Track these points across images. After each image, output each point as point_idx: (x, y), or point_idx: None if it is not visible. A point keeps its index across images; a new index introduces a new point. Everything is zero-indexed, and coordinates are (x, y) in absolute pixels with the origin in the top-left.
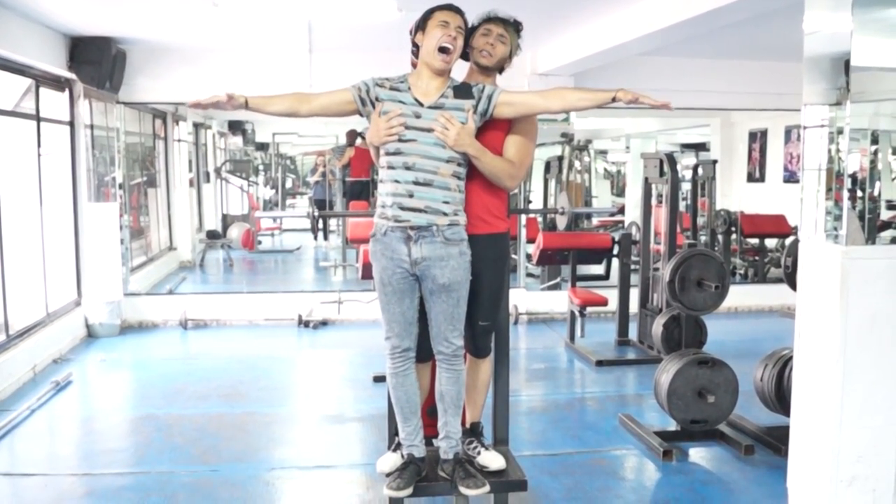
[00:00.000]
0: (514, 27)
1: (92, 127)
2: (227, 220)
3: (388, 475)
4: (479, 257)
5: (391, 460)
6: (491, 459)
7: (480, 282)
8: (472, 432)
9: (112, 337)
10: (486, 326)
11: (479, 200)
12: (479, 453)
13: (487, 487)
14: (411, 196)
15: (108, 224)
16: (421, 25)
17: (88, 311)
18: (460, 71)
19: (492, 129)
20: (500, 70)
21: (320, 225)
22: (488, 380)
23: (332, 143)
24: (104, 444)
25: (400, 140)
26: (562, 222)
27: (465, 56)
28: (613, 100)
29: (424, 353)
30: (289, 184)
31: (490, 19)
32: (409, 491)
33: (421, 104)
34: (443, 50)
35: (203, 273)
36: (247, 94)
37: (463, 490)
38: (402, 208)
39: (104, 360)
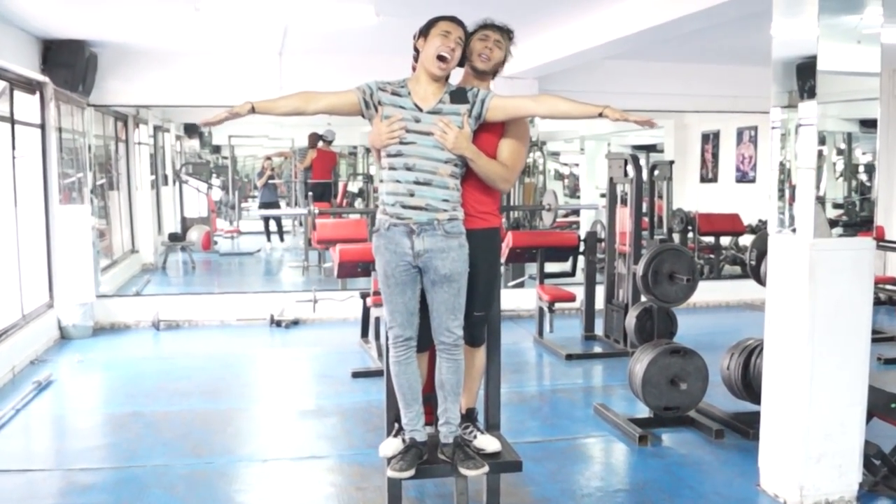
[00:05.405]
0: (508, 34)
1: (60, 130)
2: (186, 223)
3: (390, 459)
4: (475, 251)
5: (393, 445)
6: (487, 443)
7: (476, 274)
8: (468, 417)
9: (85, 338)
10: (481, 316)
11: (473, 198)
12: (475, 437)
13: (486, 468)
14: (412, 195)
15: (80, 226)
16: (424, 32)
17: (61, 312)
18: (455, 75)
19: (485, 131)
20: (494, 74)
21: (273, 228)
22: (482, 367)
23: (289, 145)
24: (96, 440)
25: (401, 143)
26: (548, 218)
27: (460, 62)
28: (600, 115)
29: (423, 343)
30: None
31: (487, 25)
32: (412, 472)
33: (420, 109)
34: (441, 58)
35: (166, 275)
36: (252, 101)
37: (463, 471)
38: (404, 206)
39: (81, 360)
